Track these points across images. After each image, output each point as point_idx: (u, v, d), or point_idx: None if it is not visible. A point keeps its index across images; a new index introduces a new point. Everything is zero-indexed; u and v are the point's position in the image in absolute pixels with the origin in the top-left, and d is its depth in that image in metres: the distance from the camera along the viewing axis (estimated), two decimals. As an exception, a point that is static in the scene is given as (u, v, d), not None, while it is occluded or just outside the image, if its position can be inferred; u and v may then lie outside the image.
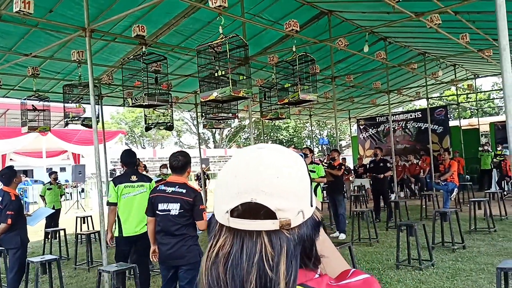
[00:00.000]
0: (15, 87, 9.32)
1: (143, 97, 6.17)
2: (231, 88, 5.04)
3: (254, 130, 56.70)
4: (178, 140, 51.37)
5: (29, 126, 7.64)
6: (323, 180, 7.82)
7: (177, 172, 3.87)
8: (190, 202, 3.71)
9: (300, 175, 0.80)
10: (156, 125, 8.04)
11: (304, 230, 0.79)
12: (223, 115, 7.98)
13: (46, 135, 20.73)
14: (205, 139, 55.28)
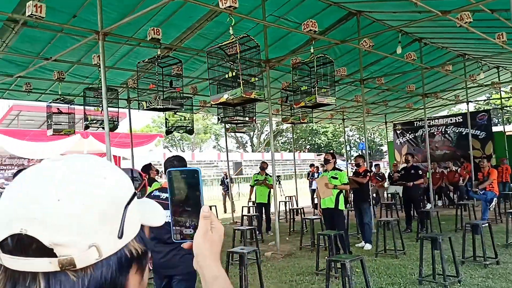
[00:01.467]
0: (46, 91, 9.58)
1: (158, 100, 6.12)
2: (242, 89, 4.86)
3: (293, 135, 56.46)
4: (216, 143, 51.87)
5: (54, 129, 7.79)
6: (345, 187, 7.47)
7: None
8: None
9: (103, 195, 0.60)
10: (176, 128, 8.00)
11: (102, 271, 0.59)
12: (238, 119, 7.81)
13: (88, 138, 21.51)
14: (243, 143, 55.46)
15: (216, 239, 0.86)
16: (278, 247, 8.01)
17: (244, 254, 5.20)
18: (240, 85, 4.88)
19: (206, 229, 0.84)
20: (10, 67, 7.99)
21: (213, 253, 0.84)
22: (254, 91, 5.08)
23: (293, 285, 5.84)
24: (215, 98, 5.27)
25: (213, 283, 0.82)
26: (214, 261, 0.84)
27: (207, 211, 0.85)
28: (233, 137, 54.59)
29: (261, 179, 10.13)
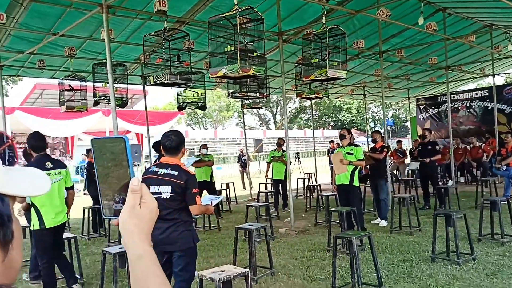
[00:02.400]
0: (60, 68, 9.60)
1: (165, 75, 6.02)
2: (239, 65, 4.69)
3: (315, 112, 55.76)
4: (239, 121, 51.82)
5: (66, 105, 7.82)
6: (361, 164, 7.26)
7: (170, 153, 3.59)
8: (181, 186, 3.45)
9: None
10: (187, 104, 7.91)
11: None
12: (249, 95, 7.64)
13: (109, 115, 21.77)
14: (266, 120, 55.25)
15: (145, 214, 0.78)
16: (292, 223, 7.93)
17: (252, 230, 5.14)
18: (238, 60, 4.70)
19: (133, 203, 0.77)
20: (22, 44, 8.00)
21: (140, 230, 0.77)
22: (253, 67, 4.89)
23: (303, 261, 5.76)
24: (213, 72, 5.13)
25: (137, 262, 0.75)
26: (141, 239, 0.76)
27: (136, 184, 0.77)
28: (256, 114, 54.44)
29: (277, 156, 10.00)
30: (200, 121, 50.77)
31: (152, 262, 0.76)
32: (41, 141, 4.53)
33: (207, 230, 8.10)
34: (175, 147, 3.57)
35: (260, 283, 4.94)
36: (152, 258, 0.76)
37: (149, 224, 0.79)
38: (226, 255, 6.09)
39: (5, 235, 0.57)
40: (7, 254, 0.58)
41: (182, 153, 3.67)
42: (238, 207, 11.00)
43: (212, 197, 4.23)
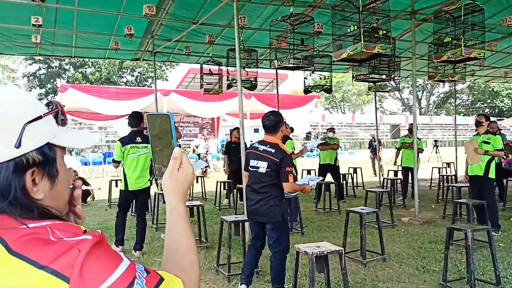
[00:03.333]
0: (203, 54, 10.55)
1: (288, 59, 6.27)
2: (363, 44, 4.66)
3: (468, 96, 50.46)
4: (379, 105, 49.86)
5: (204, 88, 8.65)
6: (499, 154, 6.56)
7: (270, 132, 3.87)
8: (276, 163, 3.70)
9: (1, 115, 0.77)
10: (313, 87, 8.06)
11: (1, 172, 0.77)
12: (374, 77, 7.43)
13: (250, 98, 23.12)
14: (409, 105, 52.07)
15: (181, 178, 0.96)
16: (416, 213, 7.60)
17: (363, 214, 5.15)
18: (361, 39, 4.66)
19: (173, 168, 0.95)
20: (171, 32, 9.03)
21: (175, 189, 0.95)
22: (379, 45, 4.79)
23: (420, 252, 5.56)
24: (337, 55, 5.17)
25: (169, 213, 0.95)
26: (175, 197, 0.95)
27: (177, 152, 0.95)
28: (399, 98, 51.67)
29: (408, 142, 9.57)
30: (338, 105, 50.28)
31: (180, 215, 0.94)
32: (136, 119, 5.66)
33: (327, 212, 8.25)
34: (273, 126, 3.84)
35: (369, 267, 4.95)
36: (181, 212, 0.94)
37: (184, 185, 0.96)
38: (341, 237, 6.18)
39: (50, 171, 0.82)
40: (54, 186, 0.83)
41: (281, 132, 3.93)
42: (363, 192, 10.85)
43: (312, 178, 4.40)
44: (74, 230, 0.78)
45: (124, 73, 39.01)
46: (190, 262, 0.90)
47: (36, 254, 0.70)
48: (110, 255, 0.76)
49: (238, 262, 5.02)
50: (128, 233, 6.39)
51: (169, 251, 0.91)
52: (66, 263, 0.69)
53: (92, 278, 0.70)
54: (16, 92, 0.82)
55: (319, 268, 3.36)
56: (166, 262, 0.90)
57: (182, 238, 0.92)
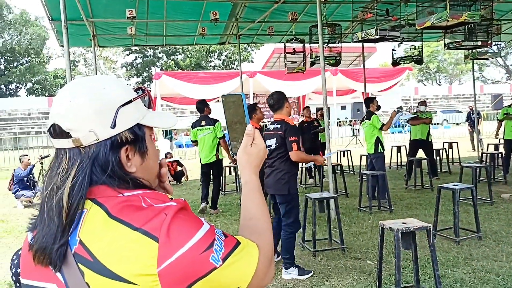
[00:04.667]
0: (286, 33, 10.54)
1: (374, 30, 6.06)
2: (448, 12, 4.37)
3: None
4: (480, 74, 45.82)
5: (288, 67, 8.67)
6: None
7: (275, 110, 4.17)
8: (281, 136, 3.98)
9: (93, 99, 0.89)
10: (403, 59, 7.70)
11: (100, 149, 0.89)
12: (468, 44, 6.86)
13: (336, 75, 22.67)
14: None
15: (254, 153, 1.04)
16: (520, 189, 7.02)
17: (456, 191, 4.91)
18: (447, 6, 4.36)
19: (246, 143, 1.04)
20: (254, 14, 9.12)
21: (249, 163, 1.04)
22: (466, 13, 4.45)
23: (522, 230, 5.17)
24: (420, 23, 4.89)
25: (244, 186, 1.04)
26: (249, 170, 1.04)
27: (249, 129, 1.04)
28: (502, 66, 46.99)
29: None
30: (432, 77, 47.16)
31: (254, 186, 1.02)
32: (201, 104, 6.99)
33: (418, 189, 7.94)
34: (276, 104, 4.12)
35: (462, 245, 4.73)
36: (255, 184, 1.02)
37: (257, 159, 1.04)
38: (432, 215, 5.94)
39: (141, 147, 0.94)
40: (144, 160, 0.95)
41: (287, 108, 4.15)
42: (459, 168, 10.22)
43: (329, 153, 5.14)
44: (162, 198, 0.91)
45: (212, 58, 40.35)
46: (263, 229, 0.98)
47: (131, 218, 0.82)
48: (193, 220, 0.86)
49: (324, 239, 5.09)
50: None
51: (244, 219, 1.00)
52: (155, 225, 0.81)
53: (177, 238, 0.80)
54: (110, 80, 0.95)
55: (406, 245, 3.31)
56: (243, 229, 0.99)
57: (255, 207, 1.00)
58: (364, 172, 6.88)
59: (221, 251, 0.84)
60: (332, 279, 3.99)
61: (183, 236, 0.81)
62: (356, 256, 4.57)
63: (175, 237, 0.80)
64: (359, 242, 5.05)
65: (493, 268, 3.99)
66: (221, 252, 0.84)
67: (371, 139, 6.96)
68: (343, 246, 4.69)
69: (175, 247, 0.79)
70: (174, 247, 0.79)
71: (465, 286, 3.68)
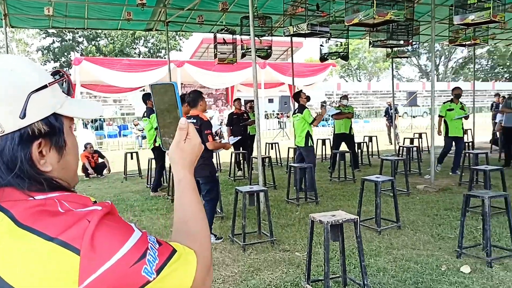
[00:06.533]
0: (216, 23, 10.38)
1: (305, 25, 6.13)
2: (375, 10, 4.53)
3: (487, 61, 49.02)
4: (396, 72, 48.92)
5: (218, 58, 8.55)
6: None
7: (191, 106, 4.81)
8: (198, 129, 4.40)
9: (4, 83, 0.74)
10: (330, 54, 7.91)
11: (6, 143, 0.75)
12: (391, 43, 7.23)
13: (265, 68, 22.87)
14: (427, 71, 50.92)
15: (188, 149, 0.94)
16: (432, 181, 7.55)
17: (378, 183, 5.13)
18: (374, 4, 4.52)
19: (179, 139, 0.94)
20: (184, 1, 8.86)
21: (182, 160, 0.94)
22: (391, 11, 4.64)
23: (435, 219, 5.55)
24: (349, 19, 5.03)
25: (177, 184, 0.94)
26: (182, 167, 0.94)
27: (183, 123, 0.93)
28: (416, 65, 50.53)
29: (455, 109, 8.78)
30: (353, 73, 49.48)
31: (188, 185, 0.93)
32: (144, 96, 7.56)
33: (342, 181, 8.25)
34: (192, 101, 4.80)
35: (383, 235, 4.97)
36: (189, 182, 0.93)
37: (191, 156, 0.95)
38: (355, 206, 6.18)
39: (58, 142, 0.80)
40: (62, 157, 0.81)
41: (201, 106, 4.82)
42: (379, 161, 10.80)
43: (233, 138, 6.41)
44: (83, 201, 0.77)
45: (137, 45, 38.87)
46: (201, 232, 0.89)
47: (44, 226, 0.69)
48: (121, 226, 0.74)
49: (253, 232, 5.09)
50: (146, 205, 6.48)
51: (179, 222, 0.91)
52: (75, 234, 0.68)
53: (103, 249, 0.69)
54: (20, 61, 0.79)
55: (334, 237, 3.38)
56: (177, 234, 0.89)
57: (190, 208, 0.91)
58: (292, 165, 6.99)
59: (154, 262, 0.73)
60: (261, 273, 3.98)
61: (110, 246, 0.70)
62: (285, 248, 4.62)
63: (100, 247, 0.69)
64: (288, 234, 5.11)
65: (412, 257, 4.23)
66: (155, 263, 0.73)
67: (302, 132, 7.09)
68: (273, 239, 4.72)
69: (100, 259, 0.68)
70: (100, 260, 0.68)
71: (387, 274, 3.86)
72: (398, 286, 3.61)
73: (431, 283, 3.63)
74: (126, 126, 21.79)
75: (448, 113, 8.65)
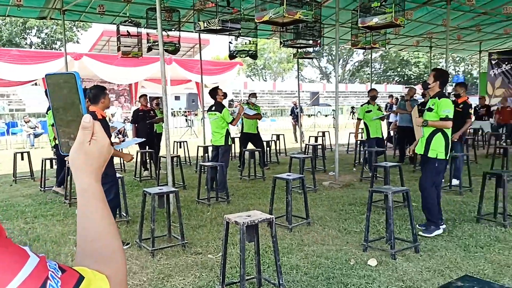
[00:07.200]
0: (119, 14, 9.77)
1: (216, 21, 5.97)
2: (285, 8, 4.53)
3: (380, 65, 53.28)
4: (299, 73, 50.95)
5: (122, 51, 8.04)
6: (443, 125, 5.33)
7: (91, 102, 4.53)
8: None
9: None
10: (238, 52, 7.85)
11: None
12: (301, 42, 7.41)
13: (171, 64, 22.22)
14: (327, 73, 53.86)
15: (94, 151, 0.77)
16: (337, 177, 7.88)
17: (289, 181, 5.17)
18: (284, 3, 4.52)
19: (83, 139, 0.76)
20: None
21: (87, 166, 0.77)
22: (300, 11, 4.69)
23: (342, 214, 5.76)
24: (259, 16, 5.00)
25: (81, 195, 0.76)
26: (87, 174, 0.77)
27: (87, 121, 0.76)
28: (317, 67, 53.15)
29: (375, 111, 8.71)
30: (259, 73, 50.55)
31: (94, 196, 0.76)
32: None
33: (252, 179, 8.26)
34: (93, 98, 4.53)
35: (294, 232, 5.02)
36: (97, 193, 0.77)
37: (99, 160, 0.78)
38: (267, 204, 6.21)
39: None
40: None
41: (102, 103, 4.57)
42: (286, 159, 11.06)
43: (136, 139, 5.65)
44: None
45: (28, 34, 35.57)
46: (113, 252, 0.74)
47: None
48: (13, 251, 0.58)
49: (162, 236, 4.83)
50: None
51: (85, 241, 0.74)
52: None
53: None
54: None
55: (249, 238, 3.29)
56: (83, 256, 0.73)
57: (100, 224, 0.75)
58: (203, 164, 6.81)
59: None
60: (172, 279, 3.76)
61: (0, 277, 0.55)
62: (197, 251, 4.43)
63: None
64: (199, 236, 4.93)
65: (322, 252, 4.31)
66: None
67: (221, 130, 6.97)
68: (184, 242, 4.50)
69: None
70: None
71: (300, 271, 3.87)
72: (311, 283, 3.63)
73: (342, 277, 3.71)
74: (15, 123, 19.76)
75: (367, 114, 8.64)
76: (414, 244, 4.28)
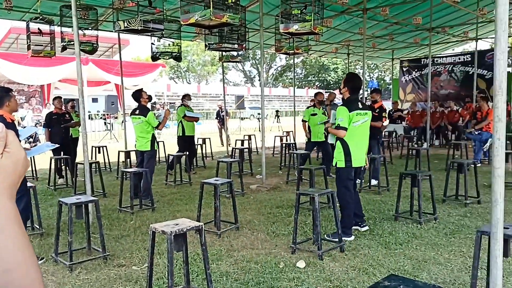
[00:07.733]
0: (29, 10, 9.05)
1: (138, 21, 5.71)
2: (212, 11, 4.44)
3: (301, 70, 55.11)
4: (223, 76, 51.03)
5: (33, 50, 7.44)
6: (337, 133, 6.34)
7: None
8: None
9: None
10: (162, 54, 7.62)
11: None
12: (227, 46, 7.38)
13: (87, 64, 21.05)
14: (251, 77, 54.57)
15: (7, 166, 0.65)
16: (264, 180, 7.93)
17: (217, 186, 5.08)
18: (210, 6, 4.45)
19: None
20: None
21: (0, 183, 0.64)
22: (227, 14, 4.65)
23: (270, 217, 5.78)
24: (185, 18, 4.87)
25: None
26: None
27: (0, 130, 0.64)
28: (241, 70, 53.62)
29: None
30: (183, 75, 49.87)
31: (10, 217, 0.64)
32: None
33: (178, 185, 8.05)
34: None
35: (223, 237, 4.93)
36: (10, 214, 0.64)
37: (12, 176, 0.66)
38: (194, 210, 6.06)
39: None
40: None
41: (7, 106, 4.34)
42: (213, 163, 10.95)
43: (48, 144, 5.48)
44: None
45: None
46: (32, 283, 0.63)
47: None
48: None
49: (81, 248, 4.50)
50: None
51: None
52: None
53: None
54: None
55: (178, 247, 3.15)
56: None
57: (16, 252, 0.62)
58: (125, 170, 6.49)
59: None
60: (94, 295, 3.49)
61: None
62: (120, 263, 4.18)
63: None
64: (122, 246, 4.66)
65: (252, 257, 4.27)
66: None
67: (146, 135, 6.69)
68: (105, 254, 4.22)
69: None
70: None
71: (230, 278, 3.79)
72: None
73: (272, 281, 3.69)
74: None
75: (312, 118, 8.50)
76: (339, 243, 4.39)
